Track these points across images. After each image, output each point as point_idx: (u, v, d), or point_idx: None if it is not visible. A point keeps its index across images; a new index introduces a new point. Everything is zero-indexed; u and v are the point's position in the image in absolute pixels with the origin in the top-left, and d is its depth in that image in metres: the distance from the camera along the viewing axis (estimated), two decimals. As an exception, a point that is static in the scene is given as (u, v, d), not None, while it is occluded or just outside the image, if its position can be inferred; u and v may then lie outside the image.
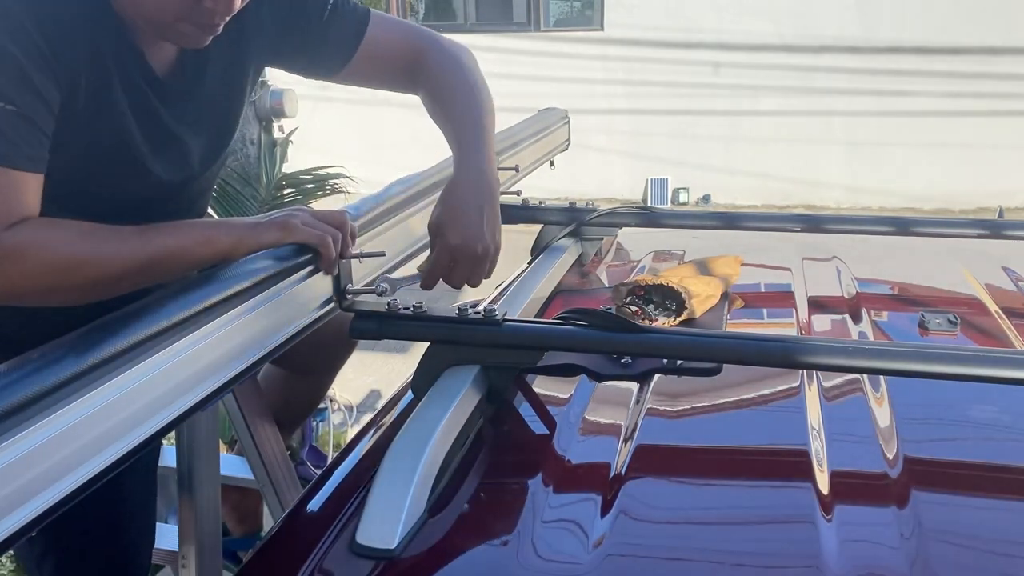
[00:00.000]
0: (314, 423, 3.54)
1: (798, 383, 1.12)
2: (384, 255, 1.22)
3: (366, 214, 1.26)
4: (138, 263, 1.01)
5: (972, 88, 7.19)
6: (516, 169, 1.73)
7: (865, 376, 1.12)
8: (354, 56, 1.32)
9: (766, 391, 1.15)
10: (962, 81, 7.19)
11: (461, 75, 1.34)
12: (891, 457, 0.95)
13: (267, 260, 1.01)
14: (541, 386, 1.16)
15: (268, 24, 1.25)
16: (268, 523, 2.03)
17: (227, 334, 0.91)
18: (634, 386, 1.12)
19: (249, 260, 1.00)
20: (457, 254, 1.19)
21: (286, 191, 3.41)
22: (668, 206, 7.78)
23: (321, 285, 1.10)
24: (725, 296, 1.44)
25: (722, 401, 1.14)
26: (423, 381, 1.05)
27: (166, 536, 1.63)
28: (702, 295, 1.35)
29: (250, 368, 0.96)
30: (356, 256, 1.13)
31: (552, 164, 2.08)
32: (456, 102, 1.31)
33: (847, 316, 1.41)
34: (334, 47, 1.31)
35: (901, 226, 1.67)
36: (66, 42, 1.02)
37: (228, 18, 1.08)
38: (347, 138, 7.84)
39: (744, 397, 1.15)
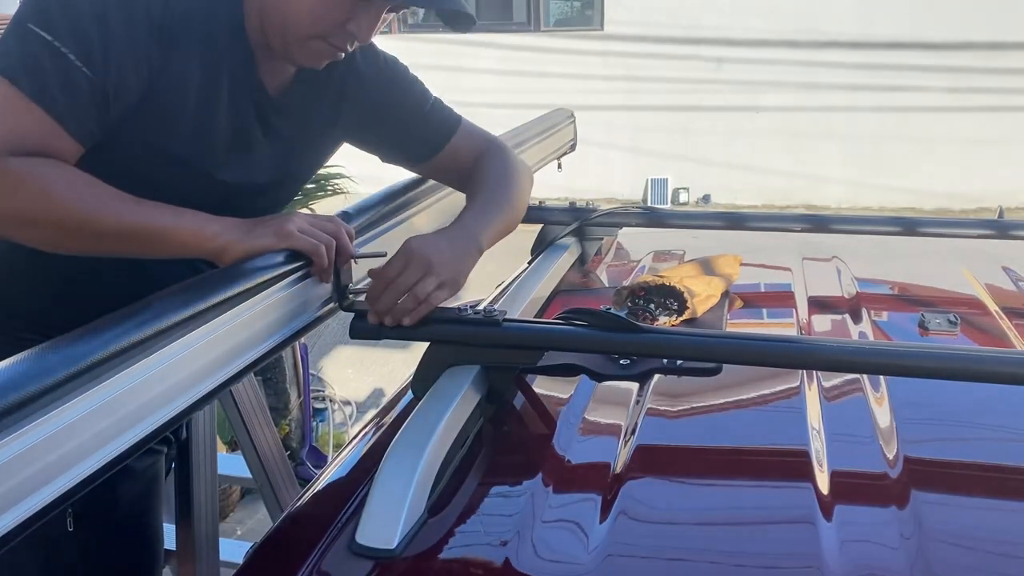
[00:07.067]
0: (314, 423, 3.54)
1: (798, 383, 1.12)
2: (385, 255, 1.22)
3: (366, 214, 1.26)
4: (123, 227, 1.00)
5: (974, 84, 7.17)
6: None
7: (865, 376, 1.12)
8: (436, 156, 1.34)
9: (766, 391, 1.15)
10: (964, 77, 7.17)
11: (508, 171, 1.33)
12: (891, 457, 0.95)
13: (268, 260, 1.01)
14: (541, 386, 1.16)
15: (371, 92, 1.27)
16: (268, 523, 2.03)
17: (228, 332, 0.91)
18: (634, 386, 1.12)
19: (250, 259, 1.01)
20: (412, 255, 1.07)
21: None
22: (668, 206, 7.77)
23: (321, 285, 1.10)
24: (725, 296, 1.44)
25: (722, 401, 1.14)
26: (423, 381, 1.05)
27: (164, 536, 1.63)
28: (703, 295, 1.35)
29: (251, 366, 0.97)
30: (355, 256, 1.13)
31: (560, 167, 2.08)
32: (488, 184, 1.28)
33: (847, 316, 1.41)
34: (421, 142, 1.33)
35: (901, 226, 1.67)
36: (183, 29, 1.03)
37: (354, 47, 1.11)
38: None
39: (744, 397, 1.15)
